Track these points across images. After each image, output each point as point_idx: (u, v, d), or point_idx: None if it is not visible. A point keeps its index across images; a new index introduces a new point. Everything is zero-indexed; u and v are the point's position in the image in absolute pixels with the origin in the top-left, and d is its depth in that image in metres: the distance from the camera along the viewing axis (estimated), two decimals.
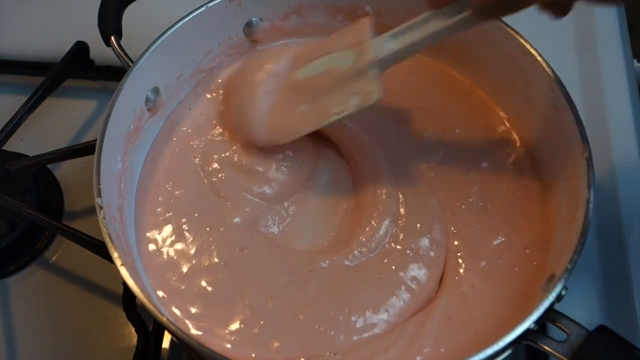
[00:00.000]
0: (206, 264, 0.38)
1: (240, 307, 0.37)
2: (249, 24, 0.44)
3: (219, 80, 0.45)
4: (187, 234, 0.39)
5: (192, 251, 0.39)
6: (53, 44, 0.48)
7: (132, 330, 0.40)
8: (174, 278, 0.38)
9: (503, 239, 0.39)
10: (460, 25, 0.35)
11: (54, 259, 0.45)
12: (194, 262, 0.39)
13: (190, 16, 0.41)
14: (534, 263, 0.39)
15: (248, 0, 0.42)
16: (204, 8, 0.41)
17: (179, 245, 0.39)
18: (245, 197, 0.41)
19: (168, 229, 0.40)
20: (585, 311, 0.40)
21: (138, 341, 0.40)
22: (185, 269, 0.39)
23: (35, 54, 0.50)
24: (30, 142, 0.48)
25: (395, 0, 0.43)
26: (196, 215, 0.40)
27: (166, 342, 0.41)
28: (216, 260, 0.39)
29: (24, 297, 0.44)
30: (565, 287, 0.34)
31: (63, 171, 0.46)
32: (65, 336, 0.42)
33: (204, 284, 0.38)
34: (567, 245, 0.35)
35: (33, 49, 0.50)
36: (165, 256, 0.39)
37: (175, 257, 0.39)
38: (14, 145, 0.48)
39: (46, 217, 0.42)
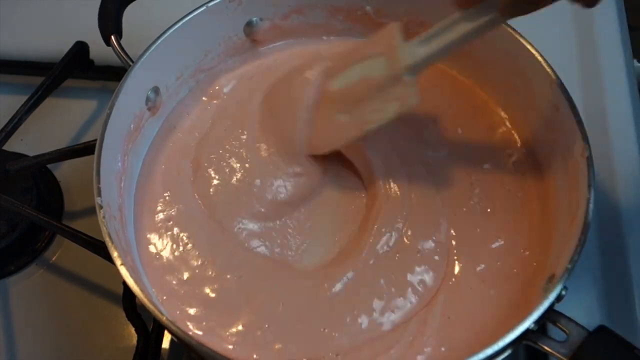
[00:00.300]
0: (209, 273, 0.37)
1: (245, 312, 0.37)
2: (249, 24, 0.44)
3: (217, 87, 0.44)
4: (187, 242, 0.38)
5: (193, 259, 0.38)
6: (53, 44, 0.47)
7: (132, 330, 0.40)
8: (174, 282, 0.37)
9: (503, 242, 0.39)
10: (489, 25, 0.34)
11: (53, 259, 0.44)
12: (195, 269, 0.38)
13: (191, 16, 0.40)
14: (533, 264, 0.38)
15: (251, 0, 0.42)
16: (204, 8, 0.41)
17: (179, 252, 0.38)
18: (240, 215, 0.39)
19: (167, 235, 0.39)
20: (585, 311, 0.39)
21: (138, 341, 0.39)
22: (186, 275, 0.38)
23: (35, 54, 0.49)
24: (30, 142, 0.47)
25: (395, 0, 0.43)
26: (196, 224, 0.39)
27: (166, 342, 0.40)
28: (218, 269, 0.37)
29: (24, 297, 0.43)
30: (565, 287, 0.34)
31: (63, 171, 0.46)
32: (65, 336, 0.41)
33: (206, 290, 0.37)
34: (567, 245, 0.35)
35: (33, 49, 0.49)
36: (165, 260, 0.38)
37: (175, 262, 0.38)
38: (14, 145, 0.47)
39: (46, 217, 0.42)
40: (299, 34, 0.45)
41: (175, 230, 0.39)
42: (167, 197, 0.40)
